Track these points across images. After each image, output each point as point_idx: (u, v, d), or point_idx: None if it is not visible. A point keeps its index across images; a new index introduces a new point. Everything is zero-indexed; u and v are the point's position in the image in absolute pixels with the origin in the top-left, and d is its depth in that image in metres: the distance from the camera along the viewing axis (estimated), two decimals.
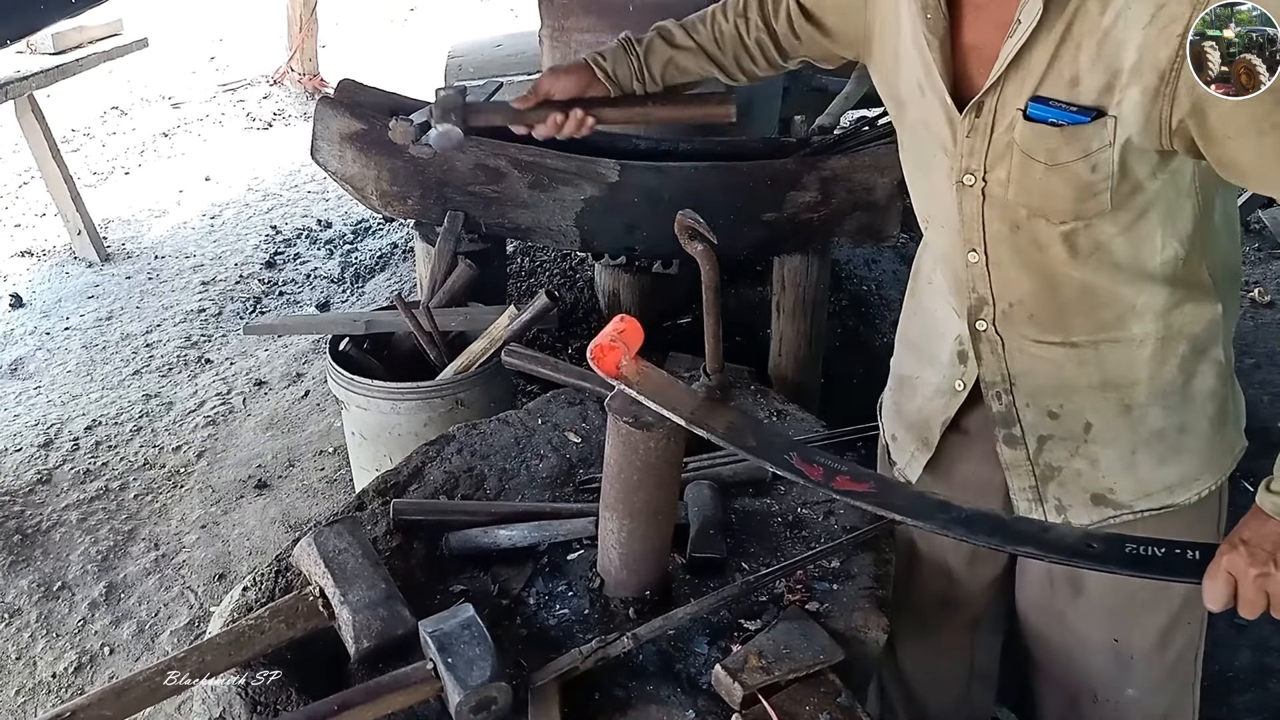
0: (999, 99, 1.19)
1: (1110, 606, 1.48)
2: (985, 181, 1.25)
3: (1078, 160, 1.15)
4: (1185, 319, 1.29)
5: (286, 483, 2.97)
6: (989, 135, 1.22)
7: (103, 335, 3.81)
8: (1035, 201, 1.22)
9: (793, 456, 1.23)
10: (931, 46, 1.22)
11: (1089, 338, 1.31)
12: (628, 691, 1.31)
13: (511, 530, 1.53)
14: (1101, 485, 1.38)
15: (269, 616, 1.34)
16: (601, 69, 1.61)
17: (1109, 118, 1.12)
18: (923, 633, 1.72)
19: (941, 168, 1.31)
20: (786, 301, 2.59)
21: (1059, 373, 1.34)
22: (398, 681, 1.25)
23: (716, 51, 1.60)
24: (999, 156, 1.22)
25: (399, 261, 4.26)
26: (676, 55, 1.61)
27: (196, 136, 5.88)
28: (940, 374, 1.48)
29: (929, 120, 1.30)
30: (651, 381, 1.26)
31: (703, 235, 1.74)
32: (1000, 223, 1.27)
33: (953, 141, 1.26)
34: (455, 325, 2.45)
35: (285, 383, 3.46)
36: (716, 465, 1.68)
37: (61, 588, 2.59)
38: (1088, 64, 1.12)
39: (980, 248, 1.30)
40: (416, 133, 2.43)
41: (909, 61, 1.30)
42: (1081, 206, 1.19)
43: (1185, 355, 1.30)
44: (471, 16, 7.14)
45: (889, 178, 2.39)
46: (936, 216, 1.38)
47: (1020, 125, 1.18)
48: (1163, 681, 1.54)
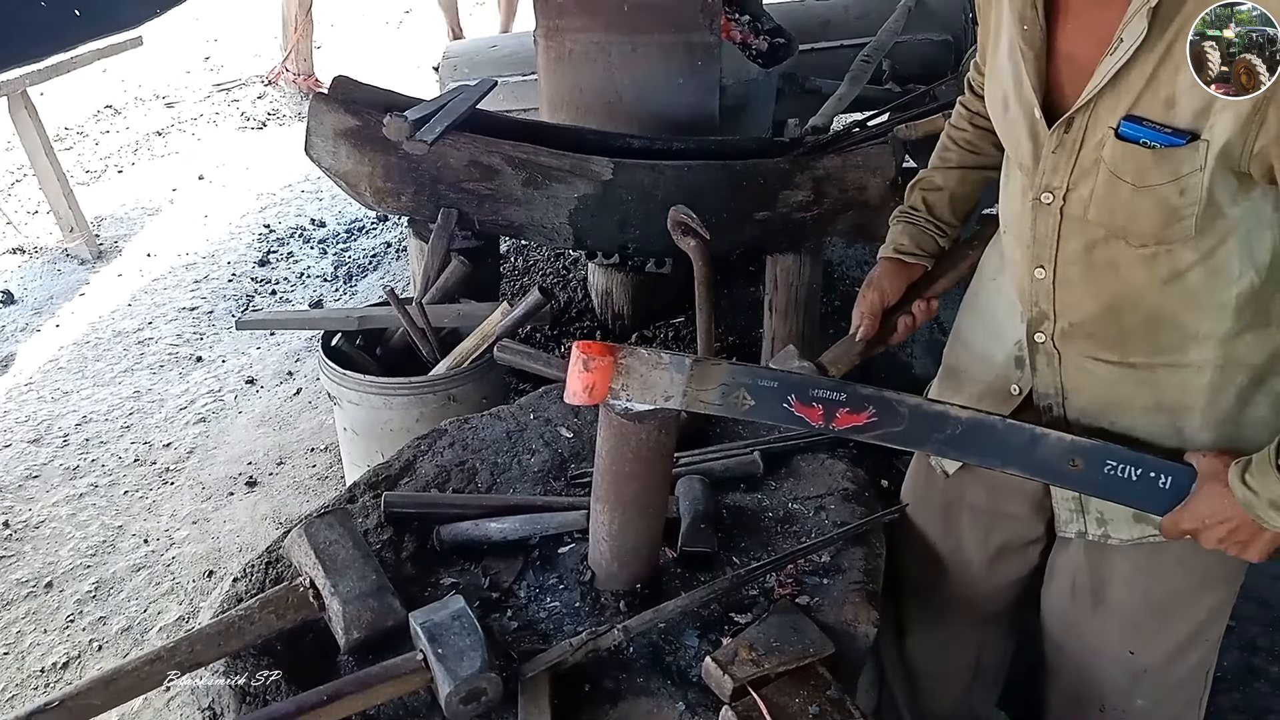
0: (1091, 116, 1.16)
1: (1131, 619, 1.47)
2: (1065, 200, 1.22)
3: (1167, 184, 1.12)
4: (1246, 348, 1.26)
5: (277, 480, 2.96)
6: (1076, 152, 1.19)
7: (94, 332, 3.80)
8: (1118, 222, 1.19)
9: (791, 402, 1.23)
10: (1026, 59, 1.20)
11: (1146, 360, 1.28)
12: (618, 683, 1.31)
13: (502, 523, 1.53)
14: None
15: (259, 607, 1.34)
16: (908, 254, 1.57)
17: (1202, 142, 1.09)
18: (933, 626, 1.71)
19: (1017, 184, 1.30)
20: (779, 300, 2.60)
21: (1113, 391, 1.32)
22: (388, 672, 1.25)
23: (978, 159, 1.57)
24: (1084, 174, 1.19)
25: (392, 260, 4.26)
26: (953, 191, 1.58)
27: (190, 136, 5.87)
28: (994, 374, 1.46)
29: (1009, 136, 1.29)
30: (638, 365, 1.25)
31: (695, 230, 1.76)
32: (1076, 241, 1.25)
33: (1032, 158, 1.24)
34: (448, 321, 2.45)
35: (277, 381, 3.45)
36: (708, 460, 1.68)
37: (51, 583, 2.58)
38: (1185, 86, 1.08)
39: (1049, 265, 1.28)
40: (410, 129, 2.45)
41: (999, 75, 1.28)
42: (1165, 231, 1.17)
43: (1243, 385, 1.28)
44: (467, 19, 7.14)
45: (881, 177, 2.40)
46: (1010, 226, 1.36)
47: (1110, 144, 1.15)
48: (1172, 694, 1.52)
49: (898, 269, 1.57)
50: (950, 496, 1.60)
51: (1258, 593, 2.37)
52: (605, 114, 2.85)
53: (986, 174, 1.57)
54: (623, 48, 2.75)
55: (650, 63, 2.77)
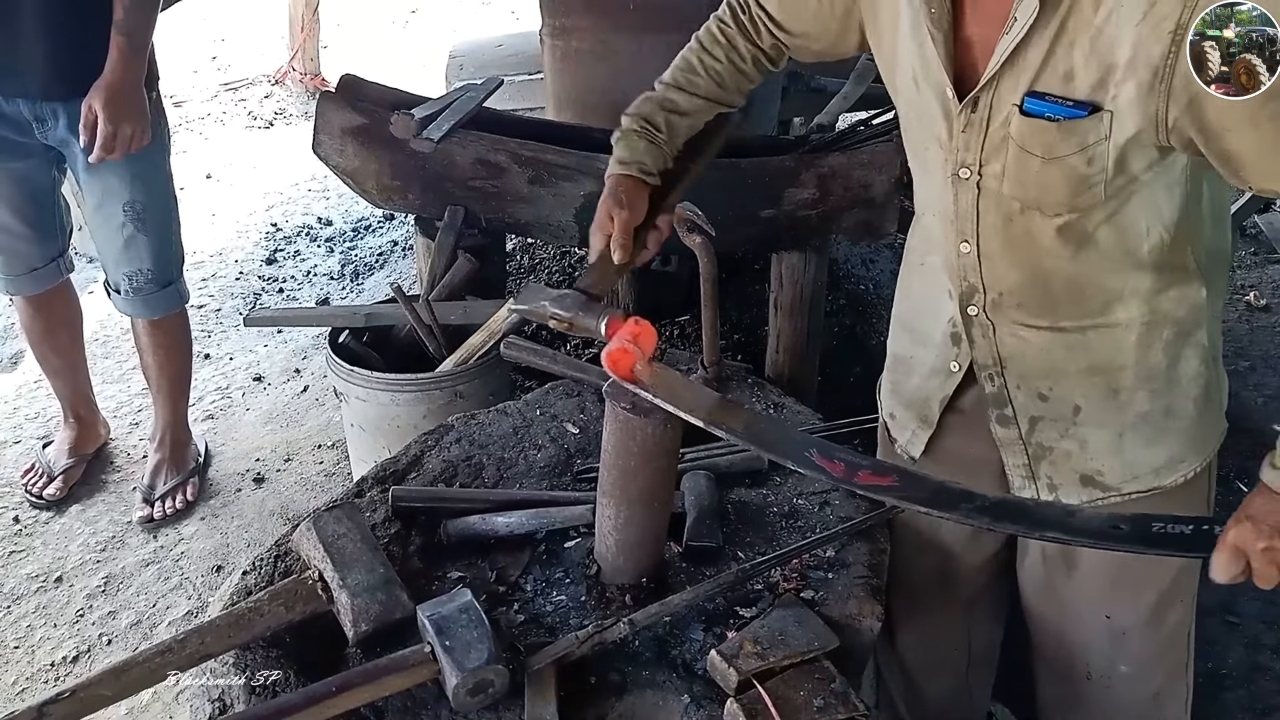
0: (995, 94, 1.21)
1: (1102, 582, 1.51)
2: (980, 175, 1.27)
3: (1074, 154, 1.18)
4: (1170, 304, 1.32)
5: (284, 476, 2.97)
6: (984, 129, 1.24)
7: (103, 329, 3.81)
8: (1031, 194, 1.24)
9: (813, 453, 1.24)
10: (936, 40, 1.24)
11: (1076, 323, 1.34)
12: (624, 676, 1.32)
13: (509, 518, 1.54)
14: (1090, 467, 1.41)
15: (268, 599, 1.35)
16: (649, 175, 1.52)
17: (1105, 112, 1.15)
18: (920, 614, 1.73)
19: (936, 160, 1.33)
20: (785, 299, 2.60)
21: (1048, 357, 1.37)
22: (396, 664, 1.26)
23: (720, 93, 1.57)
24: (994, 150, 1.24)
25: (398, 259, 4.27)
26: (692, 122, 1.58)
27: (198, 135, 5.88)
28: (934, 354, 1.50)
29: (923, 113, 1.32)
30: (667, 384, 1.26)
31: (701, 228, 1.76)
32: (995, 215, 1.30)
33: (948, 135, 1.28)
34: (454, 318, 2.46)
35: (284, 378, 3.47)
36: (713, 455, 1.69)
37: (60, 578, 2.60)
38: (1082, 60, 1.14)
39: (973, 239, 1.33)
40: (417, 127, 2.46)
41: (905, 54, 1.32)
42: (1076, 199, 1.22)
43: (1170, 339, 1.33)
44: (473, 18, 7.15)
45: (887, 175, 2.40)
46: (931, 205, 1.40)
47: (1016, 120, 1.20)
48: (1156, 658, 1.56)
49: (639, 187, 1.49)
50: None
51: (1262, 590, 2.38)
52: (611, 112, 2.82)
53: (719, 110, 1.59)
54: (629, 46, 2.76)
55: (657, 61, 2.74)
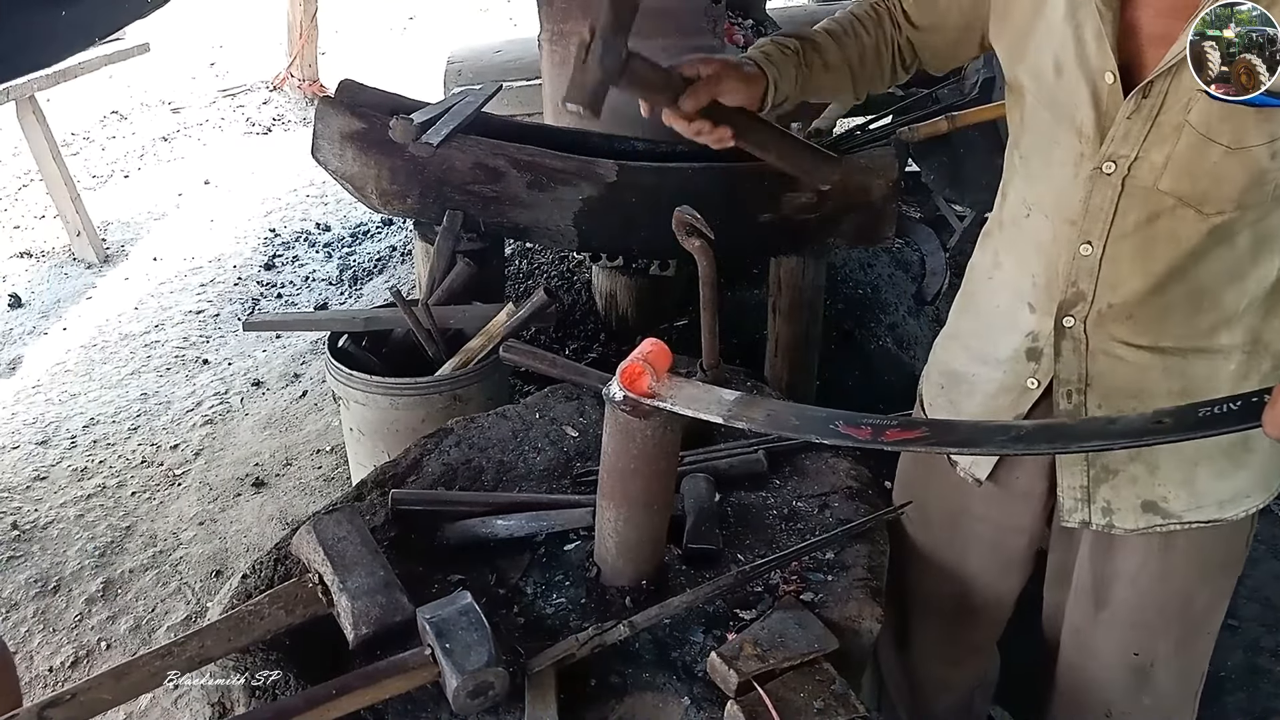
0: (1174, 80, 1.14)
1: (1134, 619, 1.46)
2: (1129, 170, 1.20)
3: (1262, 145, 1.12)
4: (1273, 334, 1.28)
5: (284, 481, 2.97)
6: (1153, 118, 1.17)
7: (101, 335, 3.82)
8: (1199, 188, 1.18)
9: (839, 424, 1.20)
10: (1105, 20, 1.17)
11: (1178, 345, 1.29)
12: (624, 678, 1.32)
13: (509, 520, 1.54)
14: (1156, 493, 1.35)
15: (268, 603, 1.35)
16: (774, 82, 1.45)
17: None
18: (941, 639, 1.70)
19: (1067, 154, 1.26)
20: (783, 303, 2.60)
21: (1140, 378, 1.31)
22: (396, 667, 1.25)
23: (860, 69, 1.51)
24: (1161, 140, 1.17)
25: (396, 264, 4.28)
26: (825, 76, 1.50)
27: (196, 141, 5.90)
28: (1003, 370, 1.42)
29: (1061, 102, 1.24)
30: (685, 393, 1.26)
31: (700, 231, 1.76)
32: (1138, 212, 1.23)
33: (1095, 125, 1.22)
34: (454, 322, 2.46)
35: (283, 383, 3.47)
36: (713, 459, 1.69)
37: (59, 584, 2.59)
38: None
39: (1099, 240, 1.26)
40: (416, 132, 2.46)
41: (1048, 39, 1.24)
42: (1246, 195, 1.16)
43: (1266, 373, 1.29)
44: (471, 25, 7.18)
45: (884, 179, 2.41)
46: (1044, 204, 1.32)
47: (1202, 106, 1.13)
48: (1175, 687, 1.52)
49: (757, 90, 1.45)
50: (956, 505, 1.57)
51: (1262, 593, 2.38)
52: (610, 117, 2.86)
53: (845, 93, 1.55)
54: None
55: None
